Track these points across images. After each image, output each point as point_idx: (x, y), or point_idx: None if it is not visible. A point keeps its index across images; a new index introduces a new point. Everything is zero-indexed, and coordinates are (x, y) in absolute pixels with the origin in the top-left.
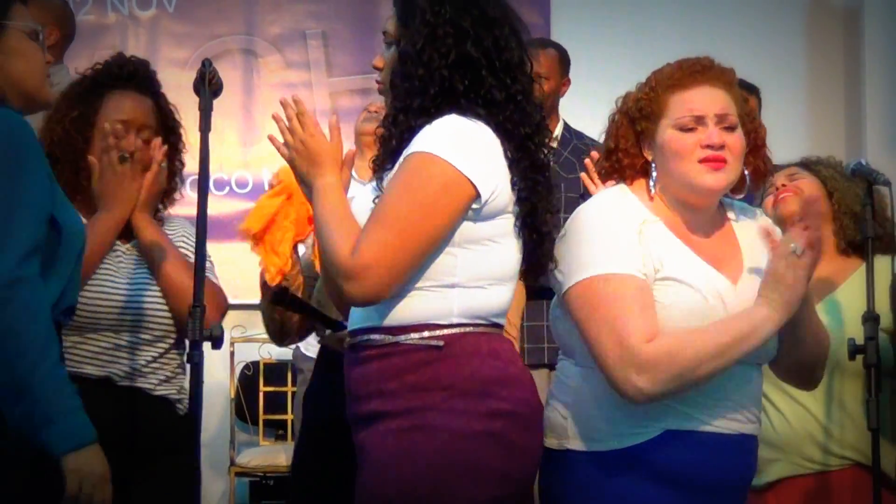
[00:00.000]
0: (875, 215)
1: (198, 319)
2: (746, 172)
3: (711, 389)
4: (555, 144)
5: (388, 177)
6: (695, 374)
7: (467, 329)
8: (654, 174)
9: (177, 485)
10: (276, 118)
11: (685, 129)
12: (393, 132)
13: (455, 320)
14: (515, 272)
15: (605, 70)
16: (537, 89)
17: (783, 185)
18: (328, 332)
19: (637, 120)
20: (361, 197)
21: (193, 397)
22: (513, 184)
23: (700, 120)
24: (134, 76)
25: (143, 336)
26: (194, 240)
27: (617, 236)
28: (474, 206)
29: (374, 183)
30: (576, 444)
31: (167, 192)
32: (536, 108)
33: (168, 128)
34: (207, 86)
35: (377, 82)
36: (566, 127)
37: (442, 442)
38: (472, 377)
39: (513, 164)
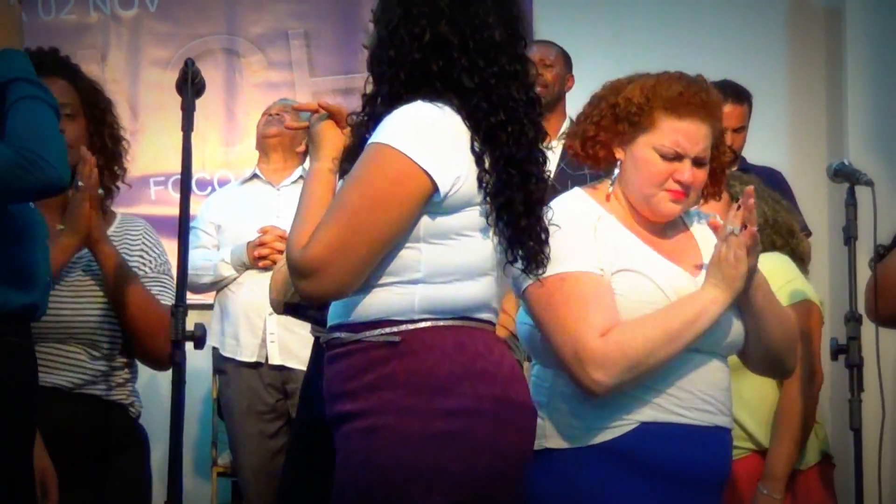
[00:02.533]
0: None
1: (180, 320)
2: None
3: (682, 382)
4: (561, 142)
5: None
6: (649, 362)
7: (429, 323)
8: (616, 175)
9: (126, 486)
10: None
11: (665, 156)
12: (364, 120)
13: (416, 315)
14: (490, 266)
15: (588, 70)
16: (536, 76)
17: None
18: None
19: (621, 120)
20: (274, 201)
21: (175, 398)
22: (479, 177)
23: (679, 157)
24: (40, 66)
25: (91, 348)
26: (155, 246)
27: (572, 234)
28: (434, 199)
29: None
30: (554, 443)
31: (112, 178)
32: (522, 90)
33: (91, 105)
34: (190, 85)
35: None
36: (572, 122)
37: (395, 444)
38: (429, 374)
39: (480, 156)
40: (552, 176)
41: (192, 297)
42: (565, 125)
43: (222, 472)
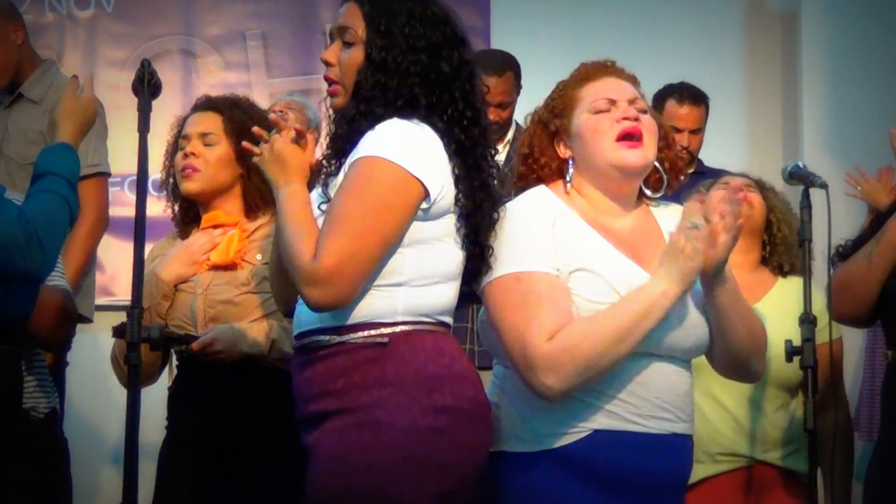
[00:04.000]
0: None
1: (135, 322)
2: (662, 169)
3: (637, 388)
4: (506, 148)
5: (334, 181)
6: (600, 363)
7: (412, 328)
8: (571, 171)
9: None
10: (246, 146)
11: (600, 111)
12: (344, 135)
13: (400, 318)
14: (459, 271)
15: (546, 73)
16: (493, 114)
17: (740, 190)
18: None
19: (550, 121)
20: None
21: (131, 400)
22: (455, 186)
23: (613, 102)
24: None
25: None
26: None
27: (530, 234)
28: (424, 205)
29: (318, 189)
30: (508, 446)
31: None
32: (485, 116)
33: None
34: (146, 86)
35: (327, 78)
36: (518, 128)
37: (388, 437)
38: (417, 374)
39: (459, 169)
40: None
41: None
42: (511, 132)
43: None
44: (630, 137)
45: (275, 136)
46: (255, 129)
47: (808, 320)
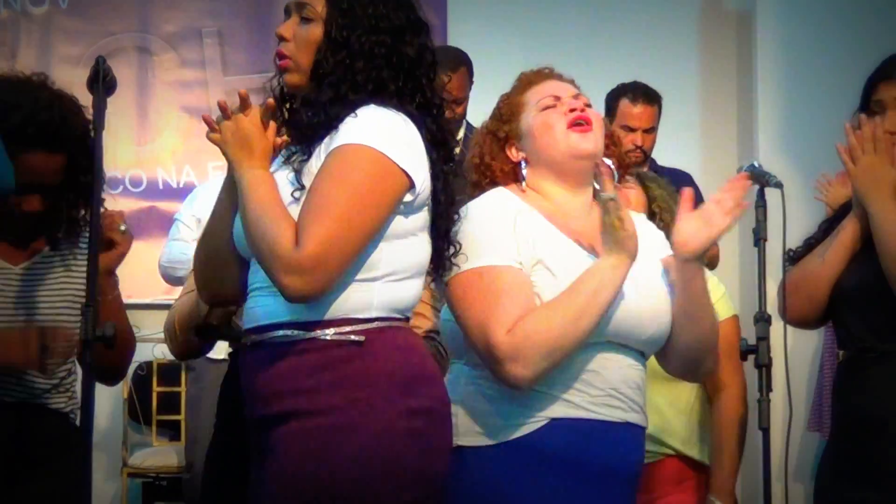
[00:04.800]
0: None
1: (90, 320)
2: (612, 165)
3: (596, 379)
4: (458, 147)
5: (307, 168)
6: (564, 345)
7: (385, 324)
8: (524, 172)
9: (64, 492)
10: (207, 119)
11: (547, 107)
12: (311, 119)
13: (375, 314)
14: (426, 265)
15: (502, 71)
16: (449, 112)
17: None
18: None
19: (498, 128)
20: None
21: (85, 398)
22: (432, 178)
23: (558, 98)
24: None
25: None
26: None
27: (492, 229)
28: (407, 198)
29: (288, 174)
30: (466, 441)
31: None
32: (445, 104)
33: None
34: (101, 83)
35: (280, 53)
36: (468, 126)
37: (363, 441)
38: (392, 374)
39: (433, 162)
40: None
41: (150, 297)
42: (462, 130)
43: (133, 473)
44: (580, 124)
45: (239, 116)
46: (220, 100)
47: (762, 319)
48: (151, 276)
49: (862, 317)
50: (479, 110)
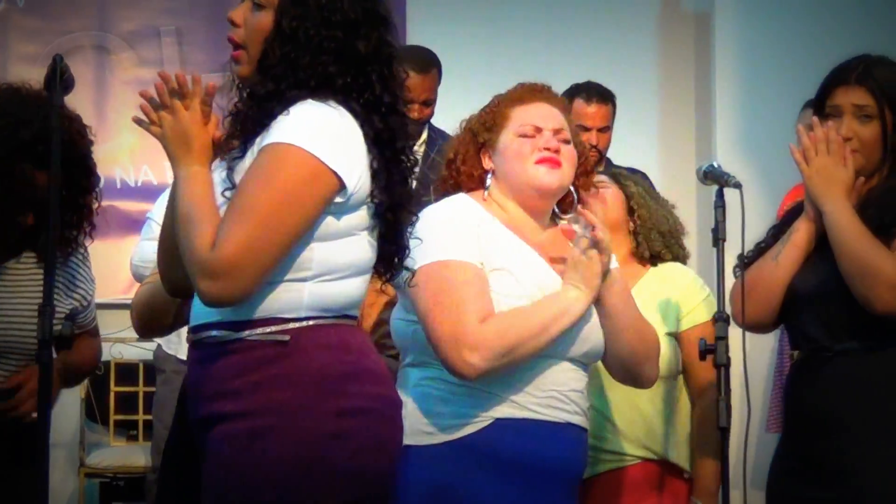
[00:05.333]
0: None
1: (47, 319)
2: (576, 194)
3: (540, 382)
4: (423, 147)
5: (240, 166)
6: (520, 351)
7: (316, 322)
8: (490, 182)
9: (21, 491)
10: (145, 95)
11: (525, 135)
12: (251, 115)
13: (304, 313)
14: (370, 264)
15: (462, 71)
16: (417, 111)
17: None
18: None
19: (480, 132)
20: None
21: (42, 398)
22: (372, 176)
23: (539, 130)
24: None
25: (9, 363)
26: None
27: (456, 228)
28: (338, 199)
29: (222, 173)
30: (413, 440)
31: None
32: (401, 101)
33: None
34: (58, 82)
35: (231, 39)
36: (431, 127)
37: (289, 444)
38: (320, 374)
39: (378, 161)
40: (415, 180)
41: (109, 296)
42: (426, 131)
43: (90, 473)
44: (548, 162)
45: (179, 109)
46: (159, 83)
47: (721, 319)
48: (110, 276)
49: (817, 318)
50: (438, 109)
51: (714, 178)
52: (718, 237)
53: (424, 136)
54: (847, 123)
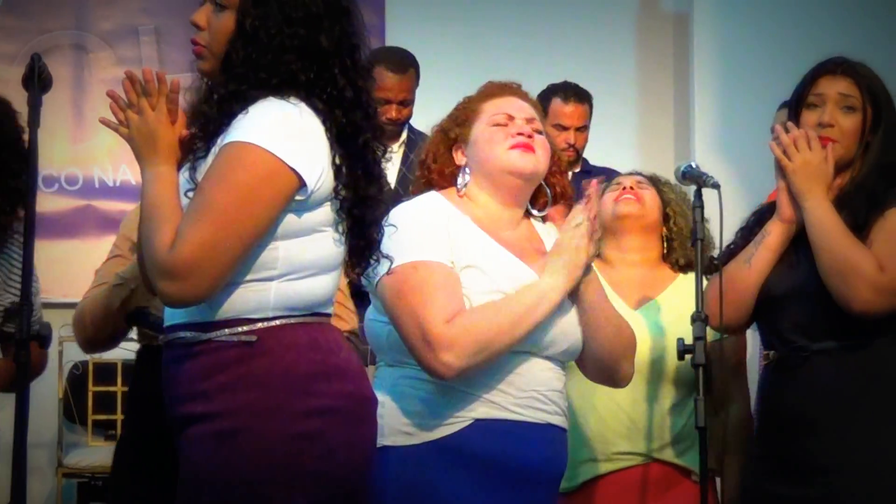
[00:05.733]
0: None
1: (25, 318)
2: (549, 193)
3: (519, 381)
4: (402, 148)
5: (202, 166)
6: (494, 346)
7: (284, 321)
8: (465, 176)
9: None
10: (112, 96)
11: (497, 124)
12: (213, 116)
13: (271, 313)
14: (338, 262)
15: (441, 70)
16: (395, 112)
17: (630, 188)
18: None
19: (451, 129)
20: None
21: (19, 398)
22: (335, 172)
23: (511, 118)
24: None
25: None
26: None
27: (425, 228)
28: (299, 196)
29: (185, 173)
30: (391, 440)
31: None
32: (369, 98)
33: None
34: (36, 81)
35: (194, 41)
36: (411, 129)
37: (255, 447)
38: (287, 374)
39: (341, 157)
40: (395, 180)
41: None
42: (406, 132)
43: (68, 473)
44: (522, 147)
45: (146, 109)
46: (126, 82)
47: (699, 318)
48: (88, 275)
49: (793, 319)
50: (416, 109)
51: (692, 178)
52: (696, 237)
53: (404, 136)
54: (830, 111)
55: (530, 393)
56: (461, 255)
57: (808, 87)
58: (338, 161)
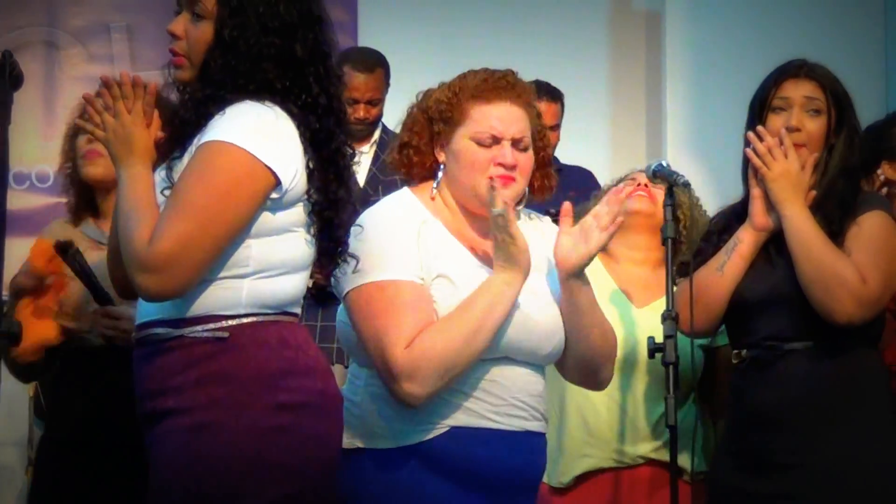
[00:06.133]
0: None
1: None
2: (527, 189)
3: (497, 389)
4: (373, 148)
5: (179, 166)
6: (458, 362)
7: (255, 319)
8: (441, 175)
9: None
10: (88, 99)
11: (482, 144)
12: (190, 118)
13: (243, 310)
14: (308, 262)
15: (413, 68)
16: (362, 111)
17: (644, 185)
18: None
19: (435, 121)
20: None
21: None
22: (308, 174)
23: (497, 140)
24: None
25: None
26: None
27: (395, 242)
28: (274, 195)
29: (161, 172)
30: (365, 443)
31: None
32: (347, 118)
33: None
34: (7, 78)
35: (172, 51)
36: (384, 129)
37: (226, 440)
38: (258, 369)
39: (313, 160)
40: (364, 180)
41: None
42: (378, 132)
43: None
44: (501, 178)
45: (122, 113)
46: (103, 90)
47: (669, 317)
48: None
49: (767, 323)
50: (389, 108)
51: (663, 176)
52: (667, 236)
53: (376, 136)
54: (796, 115)
55: (509, 400)
56: (432, 263)
57: (771, 90)
58: (311, 164)
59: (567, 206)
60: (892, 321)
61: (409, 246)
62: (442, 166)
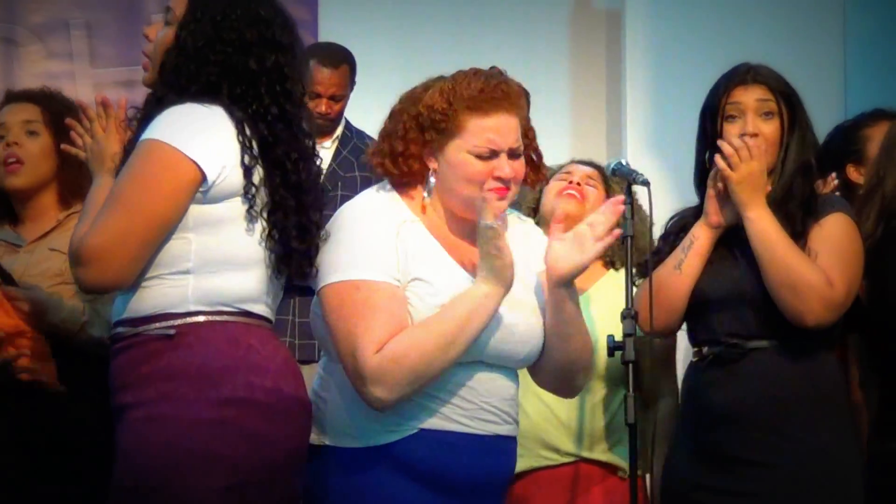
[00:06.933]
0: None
1: None
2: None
3: (469, 393)
4: (335, 144)
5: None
6: (429, 371)
7: (206, 318)
8: (432, 181)
9: None
10: (72, 125)
11: (480, 157)
12: (139, 120)
13: (192, 308)
14: (259, 259)
15: (375, 68)
16: (325, 106)
17: (577, 183)
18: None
19: (428, 129)
20: None
21: None
22: (244, 169)
23: (495, 154)
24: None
25: None
26: None
27: (374, 240)
28: (202, 188)
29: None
30: (332, 440)
31: None
32: (306, 135)
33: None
34: None
35: (144, 53)
36: (347, 125)
37: (171, 431)
38: (203, 365)
39: (245, 148)
40: (323, 175)
41: None
42: (341, 128)
43: None
44: (497, 191)
45: (98, 131)
46: (87, 110)
47: (629, 315)
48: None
49: (728, 320)
50: (351, 106)
51: (622, 175)
52: (626, 234)
53: (338, 132)
54: (752, 121)
55: (479, 404)
56: (409, 265)
57: (722, 98)
58: (247, 162)
59: (560, 213)
60: None
61: (388, 245)
62: (432, 171)
